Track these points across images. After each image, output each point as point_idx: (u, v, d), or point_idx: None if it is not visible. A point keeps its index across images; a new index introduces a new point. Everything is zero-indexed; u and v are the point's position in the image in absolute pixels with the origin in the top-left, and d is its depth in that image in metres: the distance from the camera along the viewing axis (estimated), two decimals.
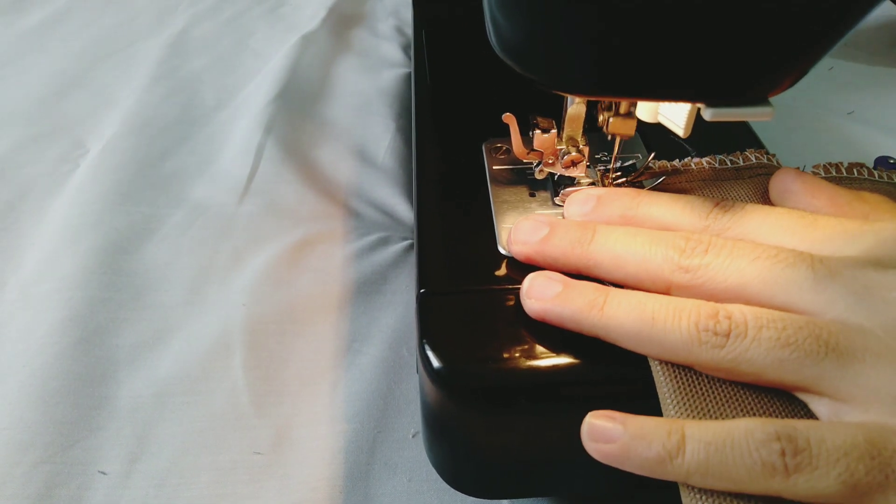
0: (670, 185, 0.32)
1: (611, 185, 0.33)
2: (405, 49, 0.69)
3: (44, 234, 0.47)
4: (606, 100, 0.30)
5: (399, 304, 0.42)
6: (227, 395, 0.37)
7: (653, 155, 0.33)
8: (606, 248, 0.26)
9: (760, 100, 0.23)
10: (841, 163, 0.32)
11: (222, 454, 0.34)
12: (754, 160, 0.33)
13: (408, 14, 0.75)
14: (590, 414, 0.23)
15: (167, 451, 0.34)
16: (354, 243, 0.46)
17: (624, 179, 0.33)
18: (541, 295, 0.26)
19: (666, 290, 0.25)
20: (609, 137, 0.32)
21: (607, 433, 0.23)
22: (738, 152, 0.33)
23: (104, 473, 0.33)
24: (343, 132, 0.57)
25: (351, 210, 0.49)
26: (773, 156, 0.33)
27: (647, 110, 0.29)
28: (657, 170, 0.33)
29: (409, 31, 0.72)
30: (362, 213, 0.49)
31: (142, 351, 0.39)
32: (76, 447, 0.34)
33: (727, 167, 0.33)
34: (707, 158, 0.33)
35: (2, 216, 0.48)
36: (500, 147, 0.37)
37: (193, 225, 0.47)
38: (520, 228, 0.29)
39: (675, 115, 0.27)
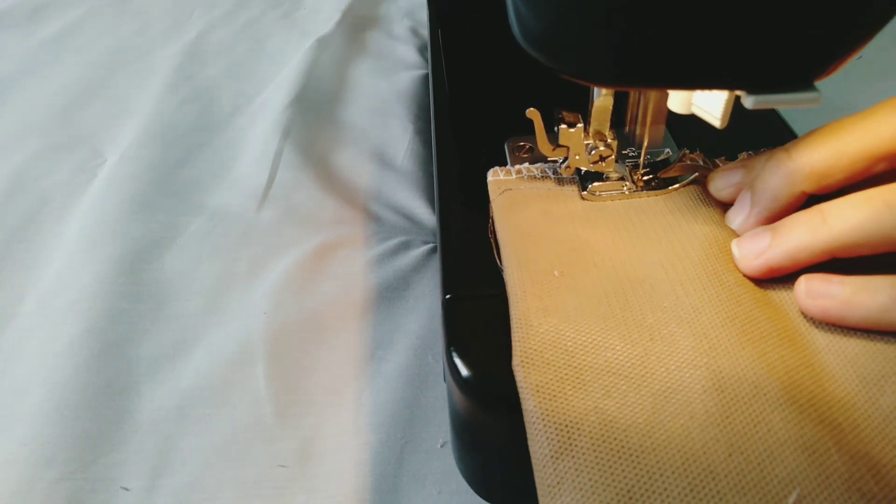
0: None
1: (640, 181, 0.32)
2: (421, 51, 0.68)
3: (62, 245, 0.46)
4: (637, 90, 0.29)
5: (422, 310, 0.41)
6: (249, 407, 0.36)
7: (684, 151, 0.32)
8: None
9: (806, 84, 0.22)
10: None
11: (246, 468, 0.33)
12: None
13: (423, 15, 0.74)
14: (803, 276, 0.25)
15: (190, 465, 0.34)
16: (375, 248, 0.45)
17: (653, 177, 0.32)
18: (756, 251, 0.26)
19: None
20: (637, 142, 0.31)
21: (828, 289, 0.24)
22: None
23: (127, 489, 0.33)
24: (361, 135, 0.56)
25: (371, 214, 0.48)
26: None
27: (679, 101, 0.27)
28: (689, 163, 0.32)
29: (425, 32, 0.71)
30: (383, 216, 0.48)
31: (163, 362, 0.38)
32: (98, 463, 0.33)
33: None
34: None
35: (21, 227, 0.48)
36: (524, 145, 0.36)
37: (212, 233, 0.47)
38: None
39: (710, 105, 0.26)
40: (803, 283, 0.25)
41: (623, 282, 0.27)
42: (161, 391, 0.37)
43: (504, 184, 0.33)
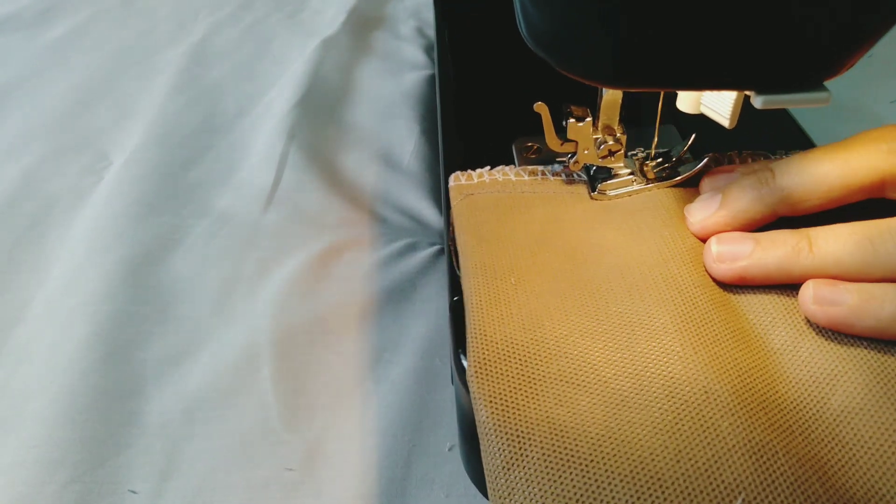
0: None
1: (650, 172, 0.32)
2: (427, 51, 0.68)
3: (69, 247, 0.46)
4: (647, 91, 0.28)
5: (429, 312, 0.41)
6: (256, 410, 0.36)
7: (693, 137, 0.31)
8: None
9: (815, 84, 0.21)
10: None
11: (253, 471, 0.33)
12: None
13: (429, 15, 0.74)
14: (811, 282, 0.24)
15: (197, 468, 0.33)
16: (382, 250, 0.45)
17: (665, 166, 0.32)
18: (734, 256, 0.26)
19: None
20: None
21: (836, 296, 0.23)
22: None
23: (135, 493, 0.33)
24: (367, 137, 0.56)
25: (377, 216, 0.48)
26: None
27: (688, 100, 0.27)
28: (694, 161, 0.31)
29: (431, 32, 0.71)
30: (389, 218, 0.48)
31: (169, 365, 0.38)
32: (106, 465, 0.33)
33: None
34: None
35: (27, 230, 0.48)
36: (531, 146, 0.36)
37: (218, 235, 0.47)
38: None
39: (719, 105, 0.26)
40: (811, 288, 0.24)
41: (581, 288, 0.27)
42: (168, 394, 0.37)
43: (465, 189, 0.32)
